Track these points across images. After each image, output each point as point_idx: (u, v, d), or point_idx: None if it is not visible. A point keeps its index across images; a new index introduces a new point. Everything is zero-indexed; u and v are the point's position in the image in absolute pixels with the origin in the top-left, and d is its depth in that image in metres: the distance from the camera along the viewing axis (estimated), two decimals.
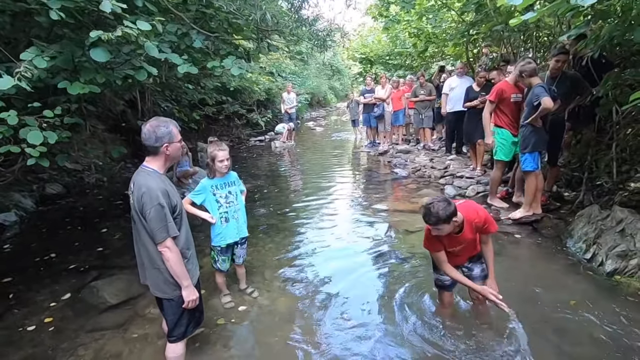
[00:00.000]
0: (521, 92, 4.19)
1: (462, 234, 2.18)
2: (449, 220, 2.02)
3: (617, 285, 2.78)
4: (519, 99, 4.21)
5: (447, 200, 2.05)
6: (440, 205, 2.00)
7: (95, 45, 2.37)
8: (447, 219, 2.00)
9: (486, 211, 2.29)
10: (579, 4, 2.30)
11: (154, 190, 1.86)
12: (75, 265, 3.74)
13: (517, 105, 4.24)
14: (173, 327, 2.09)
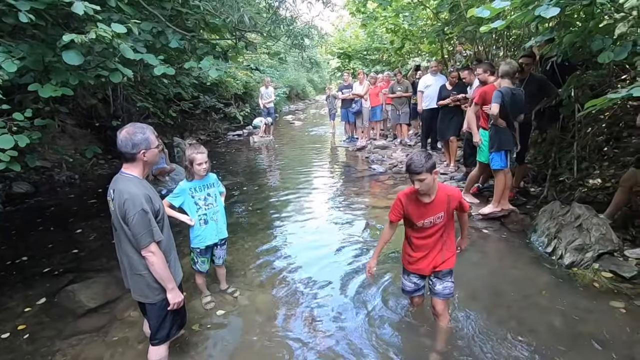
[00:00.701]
0: None
1: (433, 203, 2.16)
2: (431, 170, 2.06)
3: (574, 277, 3.01)
4: None
5: (429, 154, 2.12)
6: (423, 154, 2.09)
7: (68, 48, 2.31)
8: (430, 168, 2.05)
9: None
10: (542, 15, 2.45)
11: (137, 196, 1.86)
12: (49, 268, 3.66)
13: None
14: (156, 330, 2.12)
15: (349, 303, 2.91)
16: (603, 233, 3.12)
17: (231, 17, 3.31)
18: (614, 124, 4.82)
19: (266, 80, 11.51)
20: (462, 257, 3.49)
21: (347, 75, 9.63)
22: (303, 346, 2.47)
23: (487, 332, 2.47)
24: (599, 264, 3.03)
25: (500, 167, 3.98)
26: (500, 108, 3.73)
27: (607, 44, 2.79)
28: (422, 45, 9.06)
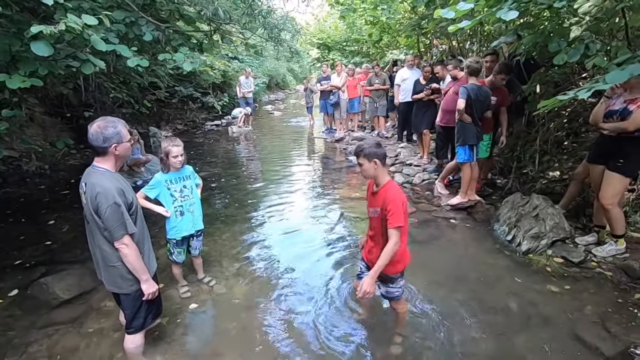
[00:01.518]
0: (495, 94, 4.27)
1: (377, 194, 2.19)
2: (370, 158, 2.08)
3: (529, 262, 3.26)
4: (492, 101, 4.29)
5: (379, 144, 2.16)
6: (369, 141, 2.15)
7: (37, 38, 2.27)
8: (368, 155, 2.08)
9: (400, 204, 2.08)
10: (502, 17, 2.60)
11: (109, 190, 1.89)
12: (21, 261, 3.61)
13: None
14: (131, 319, 2.18)
15: (324, 291, 3.04)
16: (557, 222, 3.38)
17: (205, 9, 3.30)
18: (574, 119, 5.12)
19: (247, 71, 11.39)
20: (431, 245, 3.73)
21: (325, 67, 9.67)
22: (278, 334, 2.57)
23: (450, 314, 2.67)
24: (552, 250, 3.29)
25: (464, 160, 4.19)
26: (466, 104, 3.91)
27: (563, 45, 2.98)
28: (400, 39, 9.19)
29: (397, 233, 2.06)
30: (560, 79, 5.24)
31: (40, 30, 2.15)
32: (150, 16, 3.28)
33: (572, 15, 3.05)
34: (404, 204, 2.12)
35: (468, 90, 3.91)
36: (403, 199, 2.12)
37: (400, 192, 2.14)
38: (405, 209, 2.12)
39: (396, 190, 2.13)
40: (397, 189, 2.15)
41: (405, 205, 2.14)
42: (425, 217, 4.35)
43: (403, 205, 2.10)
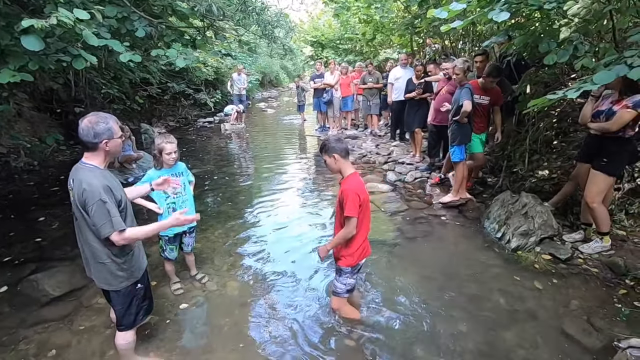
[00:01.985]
0: (487, 94, 4.34)
1: (340, 186, 2.30)
2: (329, 153, 2.22)
3: (518, 259, 3.32)
4: (482, 101, 4.35)
5: (338, 140, 2.29)
6: (330, 138, 2.30)
7: (27, 32, 2.23)
8: (327, 150, 2.23)
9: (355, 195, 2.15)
10: (494, 18, 2.64)
11: (96, 187, 1.86)
12: (10, 258, 3.57)
13: (479, 105, 4.34)
14: (122, 316, 2.17)
15: (315, 288, 3.06)
16: (545, 220, 3.44)
17: (199, 5, 3.28)
18: (563, 119, 5.21)
19: (239, 68, 11.34)
20: (422, 242, 3.77)
21: (319, 65, 9.66)
22: (270, 330, 2.59)
23: (439, 309, 2.71)
24: (540, 247, 3.36)
25: (459, 159, 4.24)
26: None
27: (553, 46, 3.04)
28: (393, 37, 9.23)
29: (350, 222, 2.19)
30: (550, 79, 5.32)
31: (31, 24, 2.12)
32: (143, 11, 3.25)
33: (561, 17, 3.10)
34: (360, 195, 2.18)
35: (470, 91, 3.98)
36: (359, 190, 2.19)
37: (358, 184, 2.22)
38: (361, 201, 2.19)
39: (354, 182, 2.21)
40: (355, 181, 2.23)
41: (362, 197, 2.20)
42: (417, 215, 4.39)
43: (359, 196, 2.17)
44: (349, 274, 2.40)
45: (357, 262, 2.38)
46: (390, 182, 5.51)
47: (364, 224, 2.32)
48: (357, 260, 2.38)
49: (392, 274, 3.18)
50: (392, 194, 5.07)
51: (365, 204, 2.25)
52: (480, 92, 4.35)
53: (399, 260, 3.42)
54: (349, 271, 2.39)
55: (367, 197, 2.27)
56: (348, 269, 2.38)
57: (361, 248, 2.36)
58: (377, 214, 4.49)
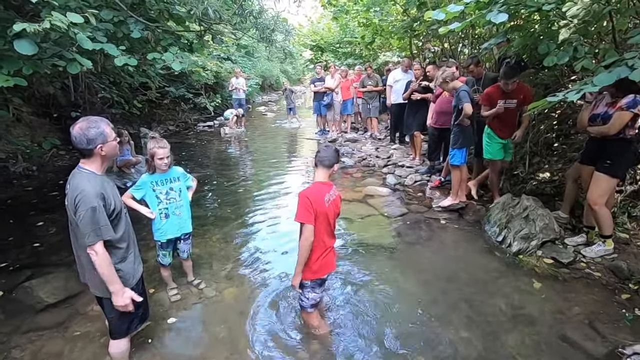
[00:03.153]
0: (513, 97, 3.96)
1: None
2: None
3: (519, 263, 3.28)
4: (509, 105, 3.98)
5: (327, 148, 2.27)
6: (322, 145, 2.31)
7: (20, 36, 2.21)
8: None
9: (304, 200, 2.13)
10: (492, 20, 2.62)
11: (89, 193, 1.82)
12: (7, 263, 3.53)
13: (506, 110, 3.98)
14: (115, 325, 2.13)
15: None
16: (546, 223, 3.40)
17: (195, 9, 3.26)
18: (564, 121, 5.18)
19: (237, 71, 11.36)
20: (422, 245, 3.73)
21: (319, 68, 9.67)
22: (266, 339, 2.54)
23: (439, 314, 2.67)
24: (541, 251, 3.31)
25: (459, 163, 4.21)
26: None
27: (552, 48, 3.01)
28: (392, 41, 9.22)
29: (303, 229, 2.12)
30: (550, 81, 5.30)
31: (24, 28, 2.10)
32: (140, 15, 3.23)
33: (560, 18, 3.08)
34: (313, 202, 2.11)
35: (468, 93, 3.94)
36: (312, 197, 2.11)
37: (314, 192, 2.15)
38: (315, 211, 2.11)
39: (311, 189, 2.18)
40: (314, 189, 2.19)
41: (315, 206, 2.11)
42: (417, 218, 4.36)
43: (311, 203, 2.10)
44: (309, 287, 2.29)
45: (316, 277, 2.26)
46: (389, 186, 5.48)
47: (320, 238, 2.19)
48: (317, 274, 2.26)
49: (391, 279, 3.14)
50: (391, 198, 5.03)
51: (321, 216, 2.14)
52: (505, 97, 3.97)
53: (398, 265, 3.37)
54: (308, 285, 2.28)
55: (323, 210, 2.14)
56: (307, 282, 2.27)
57: (320, 262, 2.23)
58: (376, 217, 4.46)
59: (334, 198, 2.26)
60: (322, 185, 2.22)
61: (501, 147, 4.17)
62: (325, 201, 2.17)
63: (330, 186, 2.26)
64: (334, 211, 2.27)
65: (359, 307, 2.81)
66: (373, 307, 2.79)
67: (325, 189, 2.21)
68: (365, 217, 4.46)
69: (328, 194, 2.20)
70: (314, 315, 2.43)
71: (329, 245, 2.28)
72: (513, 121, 4.06)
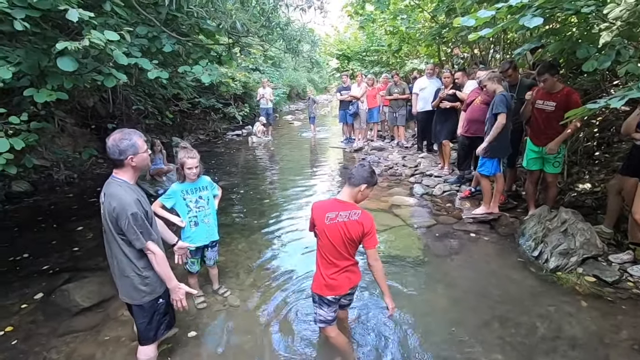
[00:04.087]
0: (551, 99, 3.63)
1: None
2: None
3: (558, 281, 3.07)
4: (546, 107, 3.67)
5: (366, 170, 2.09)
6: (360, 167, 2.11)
7: (63, 54, 2.37)
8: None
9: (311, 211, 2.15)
10: (525, 24, 2.51)
11: (126, 201, 1.91)
12: (48, 266, 3.73)
13: (541, 112, 3.72)
14: (143, 330, 2.18)
15: None
16: (587, 238, 3.18)
17: (224, 22, 3.37)
18: (606, 128, 4.87)
19: (264, 81, 11.62)
20: (451, 259, 3.59)
21: (345, 77, 9.68)
22: (289, 349, 2.52)
23: (470, 332, 2.54)
24: (582, 268, 3.09)
25: (490, 173, 4.03)
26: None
27: (592, 52, 2.84)
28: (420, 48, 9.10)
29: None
30: (589, 87, 5.01)
31: (66, 46, 2.25)
32: (172, 30, 3.38)
33: (601, 21, 2.91)
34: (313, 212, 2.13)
35: (507, 99, 3.75)
36: (314, 206, 2.15)
37: (318, 202, 2.19)
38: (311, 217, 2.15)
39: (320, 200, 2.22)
40: (324, 200, 2.24)
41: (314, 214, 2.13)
42: (446, 230, 4.21)
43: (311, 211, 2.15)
44: (317, 302, 2.18)
45: (323, 294, 2.13)
46: (417, 196, 5.34)
47: (324, 254, 2.10)
48: (323, 292, 2.13)
49: (418, 294, 3.03)
50: (419, 208, 4.90)
51: (320, 232, 2.06)
52: (545, 97, 3.67)
53: (425, 279, 3.26)
54: (317, 299, 2.17)
55: (321, 226, 2.05)
56: (315, 295, 2.18)
57: (326, 280, 2.10)
58: (402, 228, 4.35)
59: (346, 221, 2.02)
60: (335, 203, 2.08)
61: (537, 157, 3.91)
62: (325, 217, 2.03)
63: (347, 207, 2.04)
64: (343, 235, 2.03)
65: (383, 322, 2.72)
66: (398, 324, 2.70)
67: (335, 207, 2.05)
68: (391, 228, 4.36)
69: (335, 212, 2.03)
70: (328, 330, 2.25)
71: (339, 265, 2.09)
72: (549, 127, 3.68)
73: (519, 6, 2.58)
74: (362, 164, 2.12)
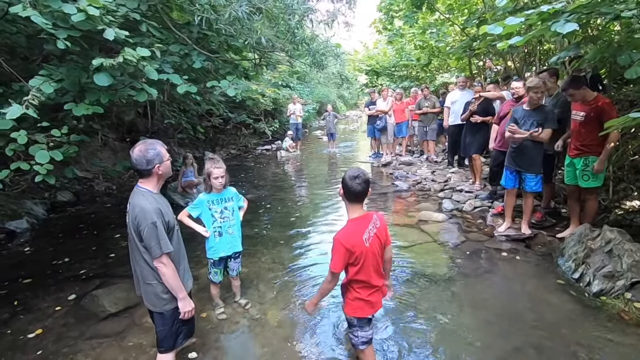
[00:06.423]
0: (582, 109, 3.49)
1: None
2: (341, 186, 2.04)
3: (602, 306, 2.79)
4: (576, 118, 3.55)
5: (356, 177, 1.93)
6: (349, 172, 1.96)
7: (99, 70, 2.55)
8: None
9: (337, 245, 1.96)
10: (558, 30, 2.38)
11: (148, 210, 1.97)
12: (82, 272, 3.91)
13: (574, 123, 3.59)
14: (162, 338, 2.20)
15: None
16: (636, 260, 2.88)
17: (250, 39, 3.49)
18: None
19: (294, 97, 11.87)
20: (482, 279, 3.39)
21: (373, 94, 9.69)
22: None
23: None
24: (631, 293, 2.80)
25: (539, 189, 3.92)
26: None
27: (635, 58, 2.64)
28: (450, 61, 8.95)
29: (330, 276, 2.01)
30: (636, 97, 4.68)
31: (102, 63, 2.42)
32: (203, 48, 3.55)
33: None
34: (349, 247, 1.91)
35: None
36: (347, 241, 1.91)
37: (349, 233, 1.95)
38: (355, 253, 1.92)
39: (346, 231, 1.97)
40: (349, 229, 1.97)
41: (354, 249, 1.91)
42: (476, 247, 3.99)
43: (346, 249, 1.91)
44: (357, 326, 2.12)
45: (364, 315, 2.08)
46: (446, 211, 5.14)
47: (366, 279, 2.00)
48: (362, 311, 2.07)
49: (445, 316, 2.85)
50: (448, 224, 4.70)
51: (362, 258, 1.94)
52: (577, 107, 3.54)
53: (453, 299, 3.07)
54: (356, 323, 2.11)
55: (364, 250, 1.93)
56: (354, 319, 2.10)
57: (360, 302, 2.05)
58: (430, 245, 4.18)
59: (376, 230, 2.01)
60: (358, 222, 1.98)
61: (571, 169, 3.69)
62: (364, 240, 1.94)
63: (369, 219, 1.99)
64: (380, 244, 2.02)
65: (407, 345, 2.58)
66: (423, 347, 2.54)
67: (362, 225, 1.97)
68: (418, 244, 4.20)
69: (367, 230, 1.96)
70: (367, 352, 2.20)
71: (376, 284, 2.06)
72: (578, 138, 3.54)
73: (550, 12, 2.46)
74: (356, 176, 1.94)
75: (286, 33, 3.86)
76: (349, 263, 1.97)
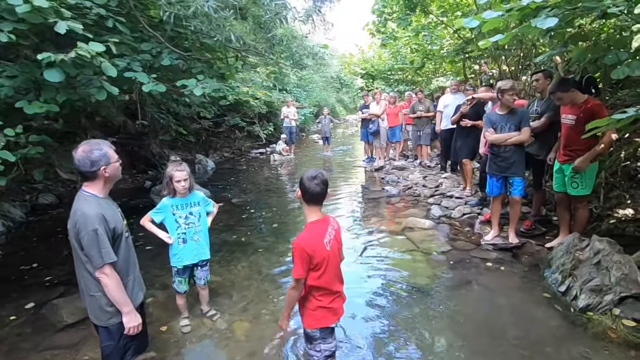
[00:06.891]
0: (572, 112, 3.34)
1: None
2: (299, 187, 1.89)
3: (588, 323, 2.60)
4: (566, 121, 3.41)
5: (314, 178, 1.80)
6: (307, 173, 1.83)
7: (51, 66, 2.41)
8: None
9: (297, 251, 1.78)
10: (538, 26, 2.23)
11: (90, 216, 1.83)
12: (47, 278, 3.75)
13: (564, 127, 3.45)
14: (108, 354, 2.04)
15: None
16: (625, 273, 2.70)
17: (219, 36, 3.35)
18: None
19: (288, 100, 11.75)
20: (463, 290, 3.20)
21: (366, 97, 9.57)
22: None
23: None
24: (620, 309, 2.61)
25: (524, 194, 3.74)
26: None
27: (623, 57, 2.48)
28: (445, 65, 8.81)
29: (294, 283, 1.85)
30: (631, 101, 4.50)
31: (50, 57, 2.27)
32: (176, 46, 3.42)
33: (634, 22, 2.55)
34: (308, 251, 1.75)
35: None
36: (309, 246, 1.76)
37: (310, 237, 1.80)
38: (316, 258, 1.77)
39: (306, 235, 1.82)
40: (309, 233, 1.82)
41: (316, 254, 1.77)
42: (462, 257, 3.81)
43: (307, 254, 1.76)
44: (319, 338, 1.94)
45: (324, 324, 1.92)
46: (434, 218, 4.96)
47: (327, 285, 1.87)
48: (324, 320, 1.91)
49: (422, 329, 2.67)
50: (434, 232, 4.52)
51: (324, 262, 1.80)
52: (567, 110, 3.41)
53: (433, 313, 2.88)
54: (318, 335, 1.93)
55: (325, 254, 1.81)
56: (316, 331, 1.93)
57: (322, 311, 1.90)
58: (413, 253, 4.00)
59: (335, 233, 1.90)
60: (318, 225, 1.85)
61: (560, 175, 3.51)
62: (325, 244, 1.82)
63: (327, 221, 1.89)
64: (339, 247, 1.95)
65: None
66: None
67: (322, 229, 1.84)
68: (400, 253, 4.02)
69: (327, 233, 1.84)
70: None
71: (337, 290, 1.94)
72: (569, 142, 3.37)
73: (532, 7, 2.30)
74: (314, 177, 1.80)
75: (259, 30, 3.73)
76: (310, 269, 1.81)
